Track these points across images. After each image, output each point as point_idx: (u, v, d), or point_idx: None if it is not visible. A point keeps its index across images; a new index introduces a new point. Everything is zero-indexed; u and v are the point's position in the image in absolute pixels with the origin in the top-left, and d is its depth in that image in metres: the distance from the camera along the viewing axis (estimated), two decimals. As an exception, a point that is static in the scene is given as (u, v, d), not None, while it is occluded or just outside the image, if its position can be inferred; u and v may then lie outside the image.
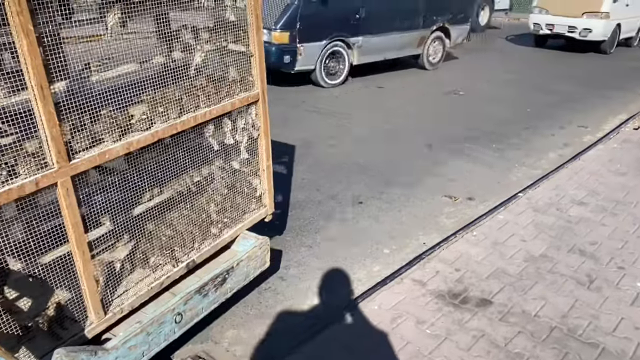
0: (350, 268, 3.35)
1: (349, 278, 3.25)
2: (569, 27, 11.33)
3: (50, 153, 1.74)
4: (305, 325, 2.80)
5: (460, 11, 9.67)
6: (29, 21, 1.57)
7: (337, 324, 2.74)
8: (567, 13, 11.34)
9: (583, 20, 11.21)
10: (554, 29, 11.63)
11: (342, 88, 8.10)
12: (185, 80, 2.23)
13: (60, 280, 1.96)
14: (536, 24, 11.90)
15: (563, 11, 11.41)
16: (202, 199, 2.50)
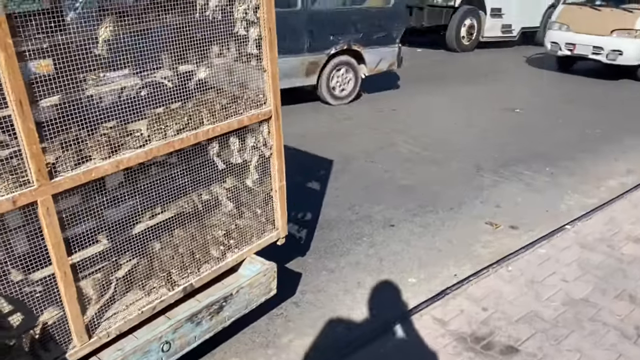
0: (370, 297, 3.14)
1: (366, 309, 3.04)
2: (593, 48, 9.20)
3: (30, 170, 1.67)
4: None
5: (380, 28, 7.41)
6: (7, 35, 1.50)
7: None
8: (593, 30, 9.22)
9: (612, 39, 9.05)
10: (574, 50, 9.42)
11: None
12: (187, 96, 2.12)
13: (46, 301, 1.90)
14: (554, 43, 9.72)
15: (587, 28, 9.31)
16: (204, 220, 2.38)
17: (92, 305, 2.03)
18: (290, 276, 3.30)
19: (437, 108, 7.42)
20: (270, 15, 2.28)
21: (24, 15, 1.55)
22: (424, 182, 4.84)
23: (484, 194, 4.62)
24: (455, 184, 4.82)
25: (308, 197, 4.40)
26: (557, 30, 9.76)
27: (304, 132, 5.98)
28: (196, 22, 2.14)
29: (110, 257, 2.08)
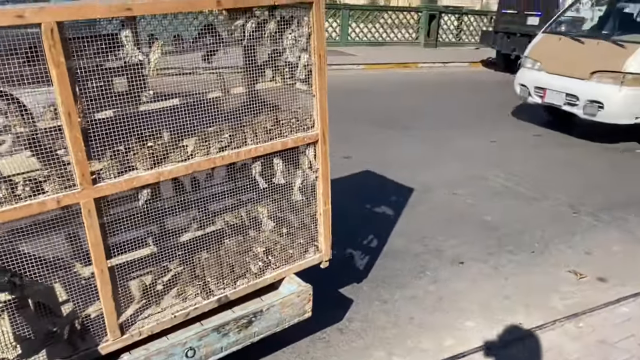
0: (419, 335, 3.00)
1: (412, 347, 2.91)
2: (567, 97, 6.69)
3: (75, 175, 1.86)
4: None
5: None
6: (61, 54, 1.71)
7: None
8: (568, 71, 6.70)
9: (590, 85, 6.40)
10: (544, 98, 7.04)
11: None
12: (232, 116, 2.24)
13: (88, 295, 2.09)
14: (523, 87, 7.45)
15: (563, 67, 6.77)
16: (246, 236, 2.46)
17: (128, 305, 2.19)
18: (341, 301, 3.27)
19: (537, 143, 6.95)
20: (321, 43, 2.33)
21: (76, 38, 1.76)
22: (509, 219, 4.55)
23: (575, 238, 4.22)
24: (544, 224, 4.46)
25: (377, 224, 4.33)
26: (529, 69, 7.41)
27: (386, 158, 5.93)
28: (248, 47, 2.26)
29: (151, 263, 2.24)
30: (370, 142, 6.61)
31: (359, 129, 7.17)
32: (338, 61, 13.06)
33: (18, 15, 1.64)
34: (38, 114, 1.84)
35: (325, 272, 3.01)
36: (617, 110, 6.29)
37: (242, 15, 2.19)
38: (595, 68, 6.39)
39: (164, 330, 2.23)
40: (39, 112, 1.83)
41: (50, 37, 1.68)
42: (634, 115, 6.28)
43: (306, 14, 2.29)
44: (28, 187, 1.80)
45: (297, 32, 2.31)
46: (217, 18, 2.12)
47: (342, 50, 14.89)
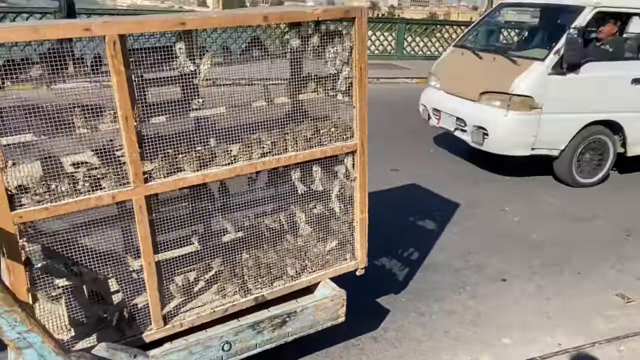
0: (454, 349, 3.00)
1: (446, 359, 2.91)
2: (457, 121, 5.83)
3: (129, 174, 2.04)
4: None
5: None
6: (121, 63, 1.90)
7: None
8: (462, 91, 5.82)
9: (478, 107, 5.52)
10: (439, 121, 6.20)
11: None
12: (275, 125, 2.37)
13: (136, 287, 2.26)
14: (423, 107, 6.58)
15: (458, 86, 5.90)
16: (283, 239, 2.57)
17: (171, 298, 2.34)
18: (377, 311, 3.31)
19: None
20: (362, 57, 2.43)
21: (135, 49, 1.94)
22: (558, 239, 4.44)
23: (625, 262, 4.07)
24: (594, 246, 4.32)
25: (419, 238, 4.34)
26: (431, 88, 6.51)
27: (434, 172, 5.91)
28: (292, 60, 2.39)
29: (194, 260, 2.39)
30: (420, 156, 6.61)
31: (409, 142, 7.19)
32: (391, 74, 13.11)
33: (85, 29, 1.84)
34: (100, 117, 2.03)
35: (364, 281, 3.08)
36: (503, 139, 5.33)
37: (288, 30, 2.32)
38: (485, 88, 5.47)
39: (203, 324, 2.36)
40: (100, 116, 2.02)
41: (112, 48, 1.87)
42: (528, 146, 5.29)
43: (349, 28, 2.39)
44: (88, 182, 1.98)
45: (339, 46, 2.41)
46: (264, 32, 2.26)
47: (396, 63, 14.92)
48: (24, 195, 1.89)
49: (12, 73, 1.83)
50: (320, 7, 2.34)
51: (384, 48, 15.74)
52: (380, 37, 15.69)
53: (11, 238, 1.88)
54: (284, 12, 2.28)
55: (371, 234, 2.80)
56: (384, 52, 15.66)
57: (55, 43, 1.86)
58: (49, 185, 1.93)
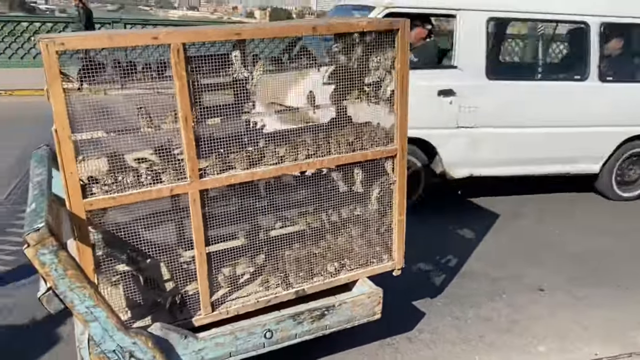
0: (488, 354, 3.05)
1: (479, 362, 2.97)
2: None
3: (186, 169, 2.24)
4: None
5: None
6: (183, 69, 2.10)
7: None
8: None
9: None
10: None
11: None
12: (320, 128, 2.53)
13: (188, 275, 2.45)
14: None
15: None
16: (324, 237, 2.71)
17: (219, 287, 2.52)
18: (413, 313, 3.40)
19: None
20: (404, 66, 2.56)
21: (194, 57, 2.14)
22: (599, 252, 4.40)
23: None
24: (636, 260, 4.26)
25: (458, 246, 4.40)
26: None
27: (476, 183, 5.93)
28: (338, 68, 2.55)
29: (241, 253, 2.56)
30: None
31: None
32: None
33: (154, 37, 2.05)
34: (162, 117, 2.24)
35: (401, 284, 3.20)
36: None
37: (335, 39, 2.48)
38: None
39: (247, 312, 2.53)
40: (162, 116, 2.23)
41: (176, 55, 2.07)
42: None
43: (392, 39, 2.53)
44: (150, 176, 2.19)
45: (382, 56, 2.56)
46: (312, 42, 2.43)
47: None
48: (94, 186, 2.11)
49: (89, 76, 2.06)
50: (366, 19, 2.50)
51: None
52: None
53: (82, 223, 2.11)
54: (332, 24, 2.44)
55: (410, 240, 2.92)
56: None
57: (127, 50, 2.09)
58: (116, 177, 2.15)
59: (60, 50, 1.92)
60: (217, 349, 2.36)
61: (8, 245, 4.09)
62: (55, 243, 1.81)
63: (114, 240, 2.31)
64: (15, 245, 4.03)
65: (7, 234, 4.28)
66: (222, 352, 2.37)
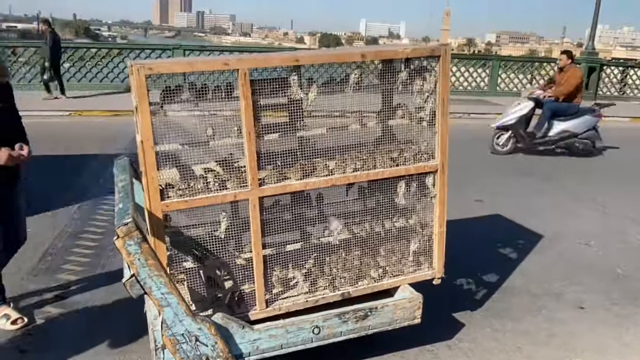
0: (525, 363, 3.17)
1: (515, 370, 3.10)
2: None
3: (248, 178, 2.54)
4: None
5: None
6: (249, 89, 2.42)
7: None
8: None
9: None
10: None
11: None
12: (366, 145, 2.79)
13: (246, 274, 2.74)
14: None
15: None
16: (369, 244, 2.95)
17: (273, 286, 2.79)
18: (453, 324, 3.55)
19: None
20: (445, 89, 2.79)
21: (257, 80, 2.46)
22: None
23: None
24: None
25: (500, 263, 4.51)
26: None
27: (520, 204, 6.01)
28: (384, 90, 2.82)
29: (294, 257, 2.83)
30: (506, 189, 6.73)
31: (496, 174, 7.32)
32: (482, 110, 13.16)
33: (225, 63, 2.40)
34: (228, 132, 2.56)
35: (442, 295, 3.40)
36: None
37: (382, 65, 2.76)
38: None
39: (297, 310, 2.78)
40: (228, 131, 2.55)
41: (243, 79, 2.40)
42: None
43: (434, 64, 2.78)
44: (217, 183, 2.51)
45: (425, 80, 2.80)
46: (361, 67, 2.71)
47: (488, 100, 14.93)
48: (170, 190, 2.45)
49: (169, 96, 2.42)
50: (410, 46, 2.76)
51: (477, 84, 15.81)
52: (473, 74, 15.80)
53: (159, 222, 2.44)
54: (379, 51, 2.73)
55: (452, 254, 3.10)
56: (477, 89, 15.74)
57: (201, 74, 2.43)
58: (188, 183, 2.48)
59: (148, 74, 2.28)
60: (270, 340, 2.62)
61: (81, 248, 4.54)
62: (139, 236, 2.14)
63: (183, 240, 2.64)
64: (88, 248, 4.48)
65: (81, 238, 4.74)
66: (274, 343, 2.63)
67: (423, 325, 3.23)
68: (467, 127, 11.29)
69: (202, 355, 2.42)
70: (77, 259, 4.32)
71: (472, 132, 10.04)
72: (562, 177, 7.54)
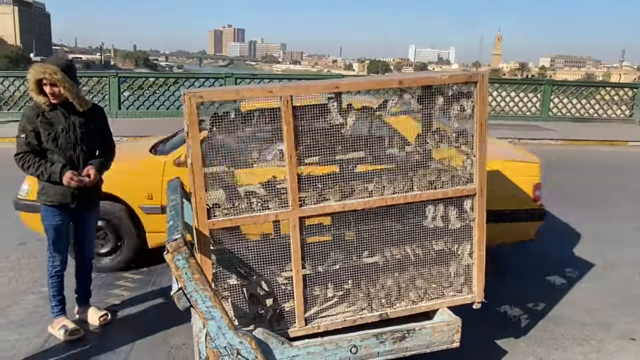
0: (570, 393, 3.09)
1: (559, 400, 3.02)
2: None
3: (289, 199, 2.67)
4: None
5: None
6: (290, 115, 2.56)
7: None
8: None
9: None
10: None
11: None
12: (404, 168, 2.86)
13: (287, 292, 2.84)
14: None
15: None
16: (407, 267, 2.99)
17: (313, 305, 2.88)
18: (495, 350, 3.50)
19: None
20: (483, 114, 2.84)
21: (300, 107, 2.60)
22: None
23: None
24: None
25: (548, 291, 4.41)
26: None
27: (568, 232, 5.85)
28: (423, 115, 2.90)
29: (334, 277, 2.91)
30: (558, 216, 6.57)
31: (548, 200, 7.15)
32: (533, 135, 12.91)
33: (269, 91, 2.55)
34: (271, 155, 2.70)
35: (486, 323, 3.37)
36: None
37: (421, 90, 2.85)
38: None
39: (335, 329, 2.85)
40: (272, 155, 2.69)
41: (285, 105, 2.55)
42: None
43: (472, 90, 2.84)
44: (259, 204, 2.65)
45: (463, 105, 2.87)
46: (400, 94, 2.80)
47: (540, 125, 14.62)
48: (216, 209, 2.61)
49: (218, 123, 2.59)
50: (447, 73, 2.84)
51: (528, 109, 15.53)
52: (524, 99, 15.55)
53: (206, 240, 2.60)
54: (417, 78, 2.82)
55: (498, 282, 3.08)
56: (528, 114, 15.46)
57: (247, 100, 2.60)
58: (233, 203, 2.63)
59: (199, 102, 2.46)
60: (308, 357, 2.69)
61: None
62: (187, 251, 2.29)
63: (227, 257, 2.78)
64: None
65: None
66: (312, 361, 2.70)
67: (464, 350, 3.22)
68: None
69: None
70: (130, 276, 4.55)
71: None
72: (614, 203, 7.26)
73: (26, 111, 3.27)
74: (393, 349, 2.84)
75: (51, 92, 3.17)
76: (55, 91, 3.17)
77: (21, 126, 3.24)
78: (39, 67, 3.18)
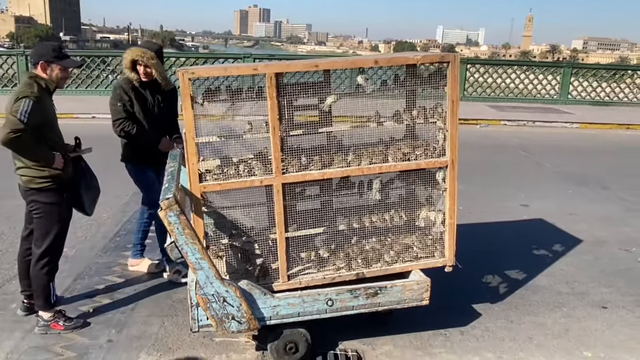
0: (532, 351, 3.36)
1: (522, 357, 3.29)
2: None
3: (272, 167, 2.97)
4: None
5: None
6: (274, 90, 2.85)
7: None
8: None
9: None
10: None
11: None
12: (381, 142, 3.13)
13: (273, 251, 3.16)
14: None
15: None
16: (384, 233, 3.28)
17: (295, 263, 3.19)
18: (470, 313, 3.77)
19: None
20: (454, 92, 3.08)
21: (282, 83, 2.89)
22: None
23: None
24: None
25: (531, 263, 4.64)
26: None
27: (565, 211, 6.03)
28: (398, 93, 3.16)
29: (315, 239, 3.21)
30: (555, 196, 6.74)
31: (547, 182, 7.31)
32: (551, 118, 12.91)
33: (254, 69, 2.84)
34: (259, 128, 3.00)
35: (465, 288, 3.64)
36: None
37: (395, 70, 3.10)
38: None
39: (315, 285, 3.16)
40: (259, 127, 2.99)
41: (269, 81, 2.84)
42: None
43: (444, 69, 3.08)
44: (246, 170, 2.96)
45: (437, 83, 3.10)
46: (377, 72, 3.06)
47: (558, 108, 14.54)
48: (207, 175, 2.93)
49: (209, 96, 2.90)
50: (421, 54, 3.08)
51: (547, 92, 15.42)
52: (543, 81, 15.44)
53: (198, 201, 2.93)
54: (392, 57, 3.07)
55: (483, 254, 3.32)
56: (546, 97, 15.36)
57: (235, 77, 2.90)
58: (223, 169, 2.94)
59: (191, 77, 2.77)
60: (288, 308, 3.02)
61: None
62: (178, 209, 2.62)
63: (219, 218, 3.11)
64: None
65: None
66: (292, 310, 3.03)
67: (440, 311, 3.54)
68: (532, 134, 11.19)
69: (229, 314, 2.87)
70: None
71: (538, 140, 9.94)
72: (617, 187, 7.36)
73: (120, 82, 3.87)
74: (366, 304, 3.14)
75: (144, 72, 3.77)
76: (147, 71, 3.77)
77: (118, 96, 3.81)
78: (137, 50, 3.77)
